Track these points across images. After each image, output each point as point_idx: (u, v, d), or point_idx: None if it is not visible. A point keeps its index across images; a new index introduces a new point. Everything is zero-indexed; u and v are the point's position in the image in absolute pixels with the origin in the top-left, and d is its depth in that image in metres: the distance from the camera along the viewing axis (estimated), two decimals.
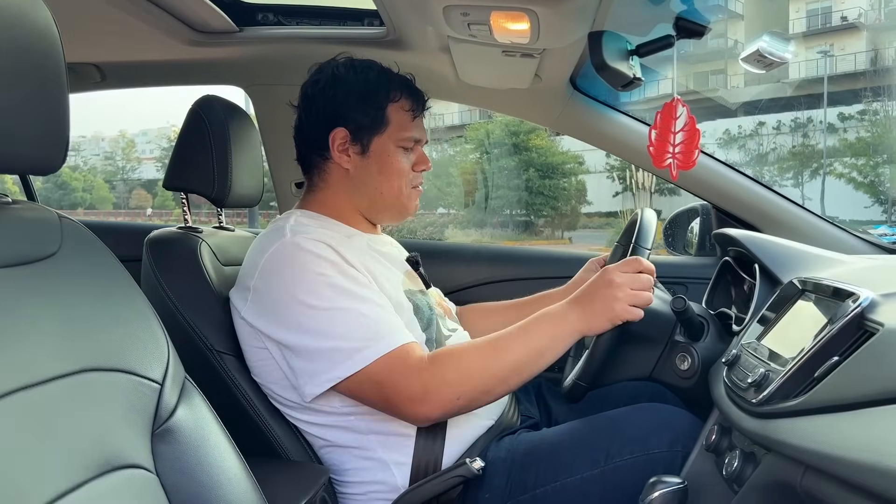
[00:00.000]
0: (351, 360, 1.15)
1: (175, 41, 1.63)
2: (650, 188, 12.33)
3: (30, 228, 0.84)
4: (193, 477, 0.88)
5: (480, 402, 1.21)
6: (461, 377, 1.17)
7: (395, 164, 1.36)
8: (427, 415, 1.18)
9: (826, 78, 16.58)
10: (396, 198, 1.39)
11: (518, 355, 1.20)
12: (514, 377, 1.21)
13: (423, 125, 1.42)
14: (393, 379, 1.16)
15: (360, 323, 1.17)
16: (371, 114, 1.35)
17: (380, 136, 1.35)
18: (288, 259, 1.22)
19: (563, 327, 1.22)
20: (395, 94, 1.36)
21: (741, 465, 0.98)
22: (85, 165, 25.43)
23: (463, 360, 1.19)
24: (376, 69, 1.37)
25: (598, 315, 1.21)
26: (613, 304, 1.20)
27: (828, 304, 1.00)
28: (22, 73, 0.77)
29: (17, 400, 0.71)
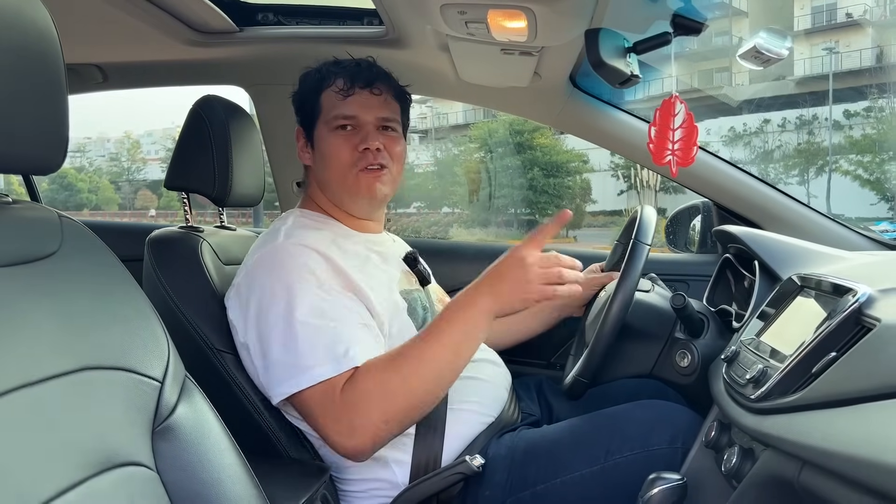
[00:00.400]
0: (296, 380, 1.16)
1: (175, 41, 1.63)
2: (655, 186, 12.31)
3: (30, 228, 0.85)
4: (194, 474, 0.89)
5: (412, 418, 1.18)
6: (385, 403, 1.13)
7: (329, 149, 1.35)
8: (355, 447, 1.14)
9: (831, 75, 16.51)
10: (343, 183, 1.36)
11: (435, 360, 1.16)
12: (437, 384, 1.18)
13: (364, 103, 1.35)
14: (323, 409, 1.15)
15: (317, 340, 1.16)
16: (309, 105, 1.37)
17: (318, 125, 1.37)
18: (273, 263, 1.23)
19: (474, 314, 1.18)
20: (329, 80, 1.36)
21: (740, 461, 0.98)
22: (90, 166, 25.50)
23: (380, 382, 1.14)
24: (331, 63, 1.39)
25: (509, 295, 1.18)
26: (525, 286, 1.16)
27: (826, 299, 1.00)
28: (21, 73, 0.78)
29: (18, 398, 0.72)
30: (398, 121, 1.41)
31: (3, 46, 0.75)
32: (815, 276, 1.08)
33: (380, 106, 1.36)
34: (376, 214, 1.46)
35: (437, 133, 19.47)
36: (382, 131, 1.37)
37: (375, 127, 1.36)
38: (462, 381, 1.32)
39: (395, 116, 1.40)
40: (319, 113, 1.36)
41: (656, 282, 1.56)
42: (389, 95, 1.39)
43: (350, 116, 1.35)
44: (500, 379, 1.42)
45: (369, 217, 1.44)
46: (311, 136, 1.39)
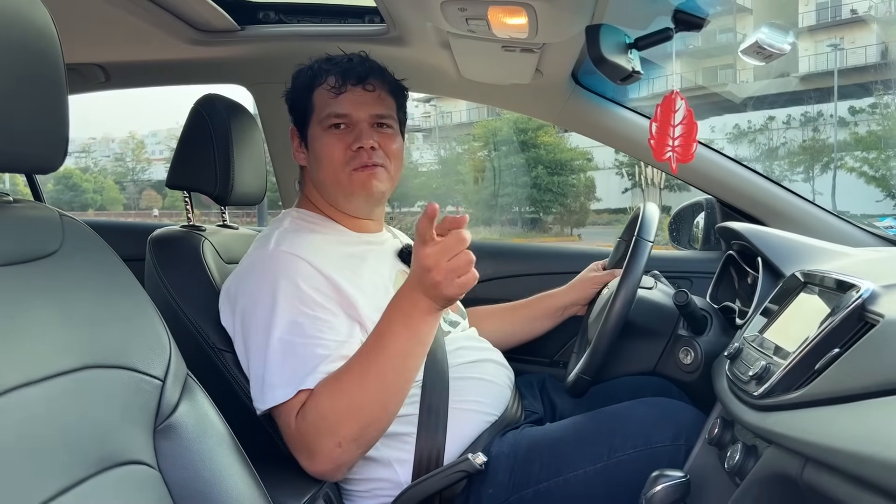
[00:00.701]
0: (264, 397, 1.16)
1: (177, 40, 1.63)
2: (659, 184, 12.30)
3: (31, 227, 0.85)
4: (196, 473, 0.89)
5: (369, 435, 1.14)
6: (332, 423, 1.11)
7: (322, 148, 1.34)
8: (319, 470, 1.13)
9: (836, 71, 16.47)
10: (336, 183, 1.34)
11: (383, 370, 1.11)
12: (389, 396, 1.13)
13: (357, 100, 1.32)
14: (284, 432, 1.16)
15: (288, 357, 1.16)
16: (302, 105, 1.36)
17: (311, 124, 1.36)
18: (261, 272, 1.23)
19: (414, 315, 1.12)
20: (321, 78, 1.34)
21: (743, 458, 0.97)
22: (95, 167, 25.59)
23: (328, 404, 1.11)
24: (323, 60, 1.37)
25: (436, 298, 1.10)
26: (439, 287, 1.07)
27: (830, 296, 1.00)
28: (20, 72, 0.78)
29: (19, 396, 0.72)
30: (394, 117, 1.38)
31: (2, 45, 0.75)
32: (819, 272, 1.07)
33: (373, 103, 1.34)
34: (375, 213, 1.44)
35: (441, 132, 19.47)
36: (377, 128, 1.35)
37: (369, 124, 1.33)
38: (465, 381, 1.33)
39: (391, 112, 1.37)
40: (312, 112, 1.35)
41: (659, 279, 1.56)
42: (384, 91, 1.36)
43: (342, 115, 1.32)
44: (504, 378, 1.42)
45: (368, 216, 1.43)
46: (304, 135, 1.38)
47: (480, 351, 1.44)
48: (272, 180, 2.06)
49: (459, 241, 1.06)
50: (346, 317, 1.23)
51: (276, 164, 2.04)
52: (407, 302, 1.12)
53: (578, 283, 1.68)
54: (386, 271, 1.37)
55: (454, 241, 1.06)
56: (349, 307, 1.24)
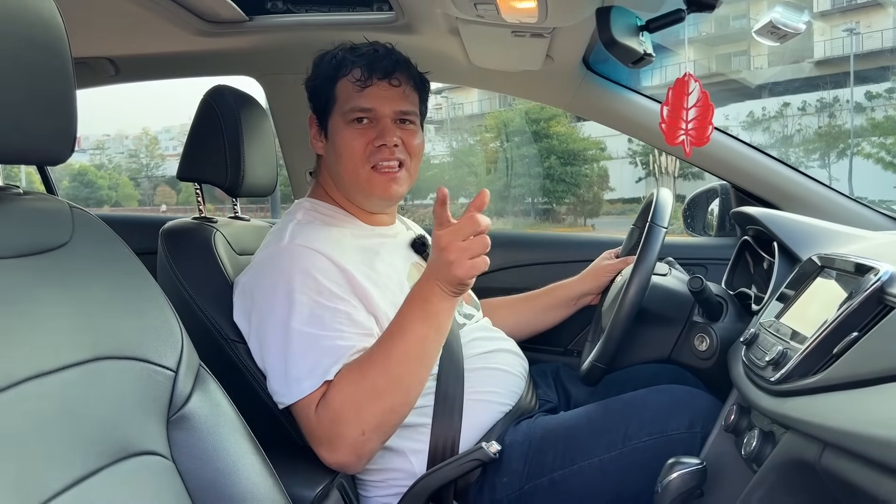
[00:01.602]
0: (290, 391, 1.15)
1: (185, 32, 1.63)
2: (674, 173, 12.20)
3: (41, 218, 0.85)
4: (209, 463, 0.89)
5: (391, 422, 1.15)
6: (357, 412, 1.11)
7: (343, 141, 1.31)
8: (341, 461, 1.13)
9: (852, 56, 16.25)
10: (355, 180, 1.33)
11: (404, 356, 1.13)
12: (411, 380, 1.15)
13: (382, 95, 1.30)
14: (305, 424, 1.16)
15: (309, 350, 1.15)
16: (324, 94, 1.34)
17: (333, 115, 1.33)
18: (277, 266, 1.22)
19: (432, 301, 1.14)
20: (345, 69, 1.32)
21: (760, 444, 0.96)
22: (110, 163, 25.74)
23: (350, 393, 1.12)
24: (347, 48, 1.34)
25: (447, 283, 1.12)
26: (451, 268, 1.09)
27: (847, 279, 0.98)
28: (27, 65, 0.78)
29: (33, 387, 0.72)
30: (417, 112, 1.37)
31: (9, 38, 0.75)
32: (836, 255, 1.06)
33: (398, 98, 1.32)
34: (389, 209, 1.45)
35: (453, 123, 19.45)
36: (400, 125, 1.33)
37: (393, 120, 1.32)
38: (480, 371, 1.32)
39: (414, 108, 1.35)
40: (335, 103, 1.33)
41: (674, 265, 1.54)
42: (409, 86, 1.34)
43: (367, 109, 1.30)
44: (518, 367, 1.41)
45: (381, 212, 1.43)
46: (324, 124, 1.36)
47: (495, 341, 1.43)
48: (284, 174, 2.06)
49: (472, 222, 1.08)
50: (364, 309, 1.23)
51: (287, 155, 2.04)
52: (426, 288, 1.14)
53: (591, 273, 1.67)
54: (400, 264, 1.36)
55: (467, 221, 1.08)
56: (365, 300, 1.23)
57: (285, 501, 0.96)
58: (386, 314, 1.24)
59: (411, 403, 1.17)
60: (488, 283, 1.95)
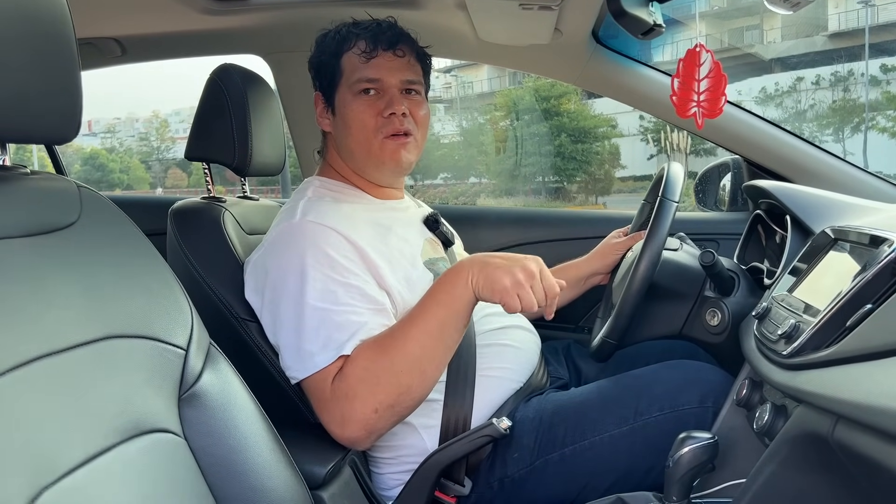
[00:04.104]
0: (304, 365, 1.16)
1: (191, 10, 1.62)
2: (685, 149, 12.10)
3: (49, 198, 0.85)
4: (221, 440, 0.90)
5: (404, 403, 1.14)
6: (372, 389, 1.12)
7: (352, 114, 1.31)
8: (350, 437, 1.13)
9: (867, 28, 16.00)
10: (367, 151, 1.33)
11: (423, 338, 1.13)
12: (427, 363, 1.14)
13: (388, 65, 1.31)
14: (316, 400, 1.16)
15: (322, 325, 1.15)
16: (330, 69, 1.33)
17: (339, 89, 1.33)
18: (289, 243, 1.22)
19: (455, 288, 1.14)
20: (350, 42, 1.32)
21: (772, 418, 0.96)
22: (121, 147, 25.80)
23: (367, 369, 1.12)
24: (348, 25, 1.35)
25: (488, 280, 1.11)
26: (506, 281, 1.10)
27: (861, 252, 0.97)
28: (32, 44, 0.77)
29: (43, 366, 0.73)
30: (422, 83, 1.38)
31: (13, 18, 0.75)
32: (850, 227, 1.04)
33: (403, 68, 1.32)
34: (398, 181, 1.44)
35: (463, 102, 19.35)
36: (406, 95, 1.33)
37: (399, 90, 1.32)
38: (492, 348, 1.32)
39: (419, 79, 1.36)
40: (341, 77, 1.33)
41: (685, 240, 1.53)
42: (412, 57, 1.35)
43: (374, 80, 1.31)
44: (531, 344, 1.41)
45: (392, 185, 1.42)
46: (331, 101, 1.36)
47: (507, 317, 1.42)
48: (293, 155, 2.05)
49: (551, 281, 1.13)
50: (376, 284, 1.23)
51: (295, 134, 2.03)
52: (456, 273, 1.15)
53: (600, 252, 1.66)
54: (413, 238, 1.36)
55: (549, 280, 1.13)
56: (377, 275, 1.23)
57: (297, 478, 0.97)
58: (398, 289, 1.24)
59: (427, 387, 1.16)
60: None
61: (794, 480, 0.89)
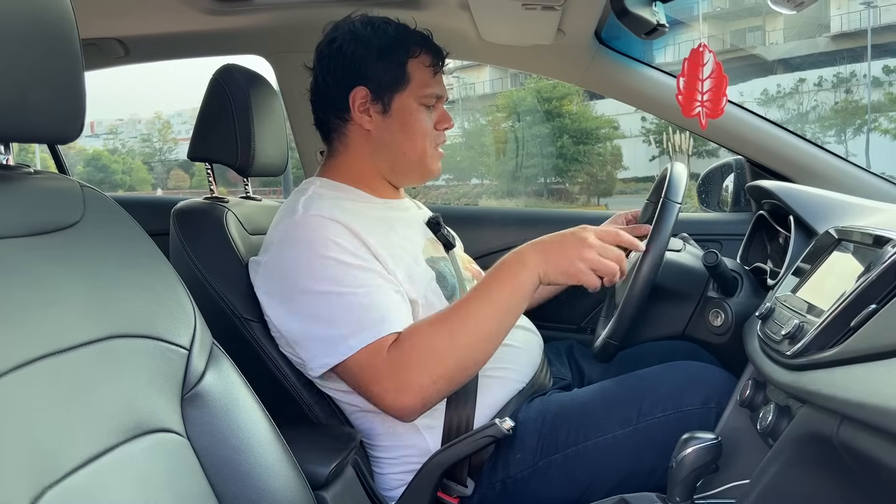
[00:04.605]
0: (337, 350, 1.15)
1: (194, 11, 1.62)
2: (688, 151, 12.08)
3: (52, 197, 0.85)
4: (224, 441, 0.90)
5: (461, 378, 1.17)
6: (432, 362, 1.13)
7: (417, 123, 1.33)
8: (405, 406, 1.14)
9: (870, 30, 15.99)
10: (420, 159, 1.35)
11: (483, 316, 1.15)
12: (488, 343, 1.17)
13: (443, 82, 1.37)
14: (368, 374, 1.15)
15: (351, 309, 1.15)
16: (391, 70, 1.31)
17: (401, 93, 1.32)
18: (294, 238, 1.22)
19: (521, 274, 1.16)
20: (414, 50, 1.32)
21: (776, 418, 0.95)
22: (123, 148, 25.81)
23: (429, 344, 1.14)
24: (394, 25, 1.34)
25: (556, 266, 1.15)
26: (576, 262, 1.14)
27: (865, 252, 0.97)
28: (35, 44, 0.78)
29: (46, 366, 0.72)
30: None
31: (17, 17, 0.75)
32: (854, 228, 1.04)
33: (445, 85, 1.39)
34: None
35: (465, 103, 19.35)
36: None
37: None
38: None
39: None
40: (407, 83, 1.32)
41: (688, 241, 1.53)
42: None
43: (440, 97, 1.36)
44: (533, 345, 1.41)
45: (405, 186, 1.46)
46: (383, 100, 1.32)
47: None
48: (296, 157, 2.05)
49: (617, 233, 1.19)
50: (385, 270, 1.23)
51: (298, 135, 2.03)
52: (520, 257, 1.17)
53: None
54: (415, 237, 1.36)
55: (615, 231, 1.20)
56: (388, 269, 1.24)
57: (300, 478, 0.97)
58: (401, 281, 1.24)
59: (481, 364, 1.18)
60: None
61: (798, 481, 0.89)
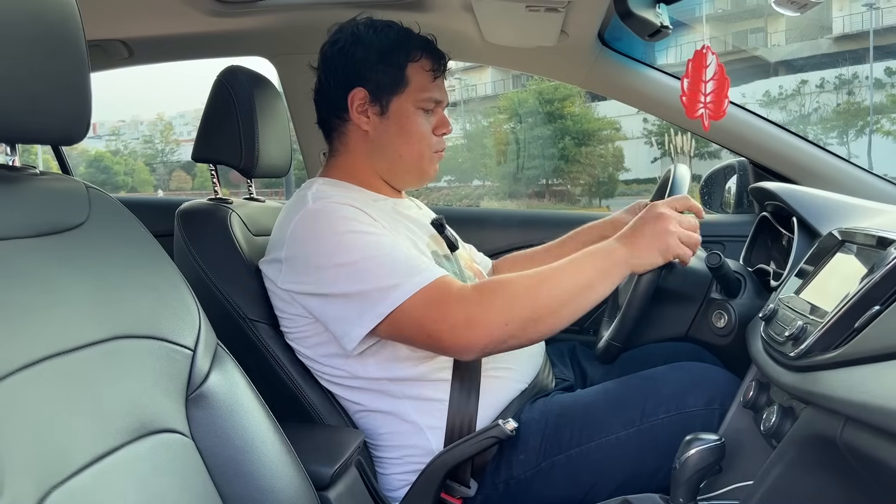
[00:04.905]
0: (389, 298, 1.13)
1: (198, 12, 1.63)
2: (689, 153, 12.07)
3: (58, 198, 0.86)
4: (228, 441, 0.90)
5: (530, 331, 1.14)
6: (508, 302, 1.12)
7: (415, 127, 1.34)
8: (472, 341, 1.12)
9: (872, 31, 15.97)
10: (417, 162, 1.36)
11: (567, 285, 1.14)
12: (563, 308, 1.14)
13: (444, 86, 1.38)
14: (434, 309, 1.12)
15: (393, 263, 1.16)
16: (391, 73, 1.32)
17: (399, 96, 1.33)
18: (313, 225, 1.22)
19: (612, 261, 1.16)
20: (415, 54, 1.33)
21: (779, 420, 0.95)
22: (125, 149, 25.85)
23: (509, 286, 1.14)
24: (396, 28, 1.35)
25: (648, 249, 1.16)
26: (665, 237, 1.15)
27: (868, 253, 0.97)
28: (41, 45, 0.78)
29: (52, 366, 0.73)
30: None
31: (23, 19, 0.75)
32: (857, 229, 1.04)
33: (446, 90, 1.39)
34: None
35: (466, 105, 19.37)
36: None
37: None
38: None
39: None
40: (406, 86, 1.33)
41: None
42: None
43: (440, 101, 1.36)
44: (535, 346, 1.41)
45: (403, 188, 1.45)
46: (381, 102, 1.33)
47: None
48: (298, 158, 2.06)
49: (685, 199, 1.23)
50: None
51: (301, 136, 2.03)
52: (609, 248, 1.18)
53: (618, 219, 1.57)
54: (418, 231, 1.36)
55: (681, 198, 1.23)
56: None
57: (303, 479, 0.97)
58: None
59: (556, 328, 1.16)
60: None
61: (802, 482, 0.89)
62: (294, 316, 1.26)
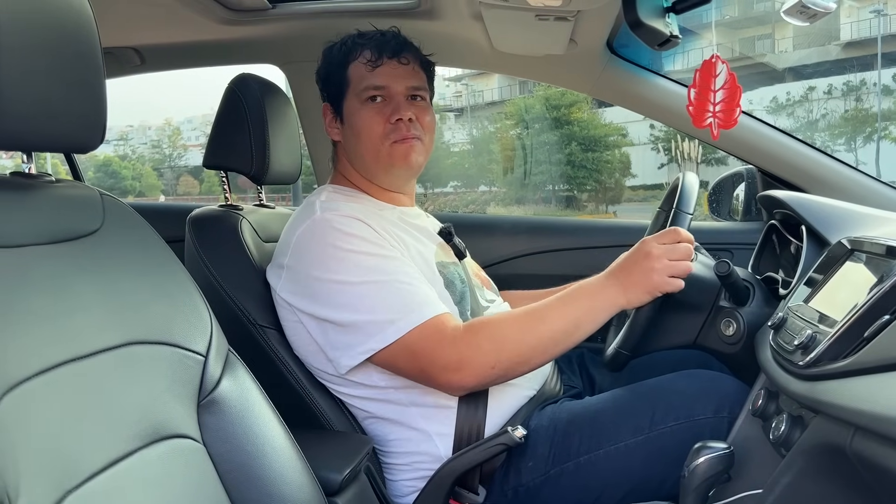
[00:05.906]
0: (384, 333, 1.16)
1: (209, 20, 1.64)
2: (697, 159, 12.05)
3: (73, 206, 0.86)
4: (239, 446, 0.91)
5: (517, 371, 1.21)
6: (497, 346, 1.17)
7: (361, 122, 1.34)
8: (462, 383, 1.18)
9: (880, 38, 15.94)
10: (376, 156, 1.35)
11: (555, 325, 1.19)
12: (551, 347, 1.21)
13: (393, 73, 1.34)
14: (428, 349, 1.16)
15: (392, 295, 1.18)
16: (336, 79, 1.36)
17: (347, 98, 1.36)
18: (318, 236, 1.23)
19: (600, 300, 1.21)
20: (355, 53, 1.35)
21: (789, 428, 0.95)
22: (133, 154, 25.99)
23: (498, 329, 1.19)
24: (353, 36, 1.38)
25: (635, 287, 1.19)
26: (651, 275, 1.18)
27: (878, 262, 0.97)
28: (58, 55, 0.79)
29: (66, 372, 0.74)
30: (426, 90, 1.40)
31: (41, 28, 0.76)
32: (866, 238, 1.04)
33: (409, 75, 1.36)
34: (408, 187, 1.46)
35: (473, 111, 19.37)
36: (412, 101, 1.36)
37: (405, 97, 1.35)
38: None
39: (424, 85, 1.39)
40: (348, 86, 1.35)
41: (699, 250, 1.52)
42: (416, 65, 1.38)
43: (380, 87, 1.33)
44: None
45: (401, 190, 1.44)
46: (339, 110, 1.38)
47: None
48: (306, 163, 2.06)
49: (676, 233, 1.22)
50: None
51: (311, 143, 2.04)
52: (598, 286, 1.23)
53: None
54: (428, 243, 1.37)
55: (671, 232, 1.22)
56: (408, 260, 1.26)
57: (314, 484, 0.97)
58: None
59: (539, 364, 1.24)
60: (511, 269, 1.95)
61: (811, 491, 0.89)
62: (293, 323, 1.27)
